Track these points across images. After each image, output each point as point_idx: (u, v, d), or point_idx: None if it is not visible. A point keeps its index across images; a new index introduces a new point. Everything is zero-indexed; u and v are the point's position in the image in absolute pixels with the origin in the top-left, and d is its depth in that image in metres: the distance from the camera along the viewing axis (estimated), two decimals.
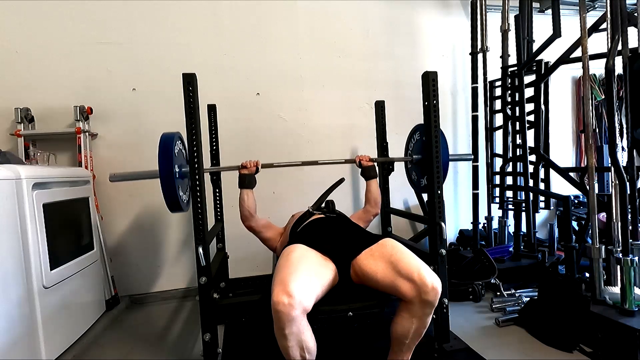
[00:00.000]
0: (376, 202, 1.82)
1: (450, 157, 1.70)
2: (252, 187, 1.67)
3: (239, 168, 1.67)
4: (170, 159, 1.35)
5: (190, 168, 1.33)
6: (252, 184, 1.67)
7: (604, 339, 1.45)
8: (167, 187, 1.35)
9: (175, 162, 1.38)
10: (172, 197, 1.37)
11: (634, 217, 1.63)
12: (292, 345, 1.08)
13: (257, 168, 1.67)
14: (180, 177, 1.44)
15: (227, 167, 1.72)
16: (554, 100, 2.61)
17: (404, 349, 1.25)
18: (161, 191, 1.41)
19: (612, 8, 1.67)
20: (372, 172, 1.83)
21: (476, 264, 2.18)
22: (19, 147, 2.08)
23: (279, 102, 2.55)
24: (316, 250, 1.31)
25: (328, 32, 2.63)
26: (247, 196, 1.65)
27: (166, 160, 1.34)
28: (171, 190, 1.36)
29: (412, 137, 1.88)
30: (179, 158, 1.44)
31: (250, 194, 1.66)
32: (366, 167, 1.81)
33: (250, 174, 1.66)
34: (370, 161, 1.82)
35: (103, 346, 1.78)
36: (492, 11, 2.73)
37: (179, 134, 1.52)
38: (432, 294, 1.12)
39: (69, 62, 2.25)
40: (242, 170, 1.66)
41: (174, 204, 1.39)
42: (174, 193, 1.36)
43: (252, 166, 1.66)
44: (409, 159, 1.83)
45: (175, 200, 1.38)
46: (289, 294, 1.04)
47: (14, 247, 1.40)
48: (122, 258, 2.34)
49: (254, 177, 1.67)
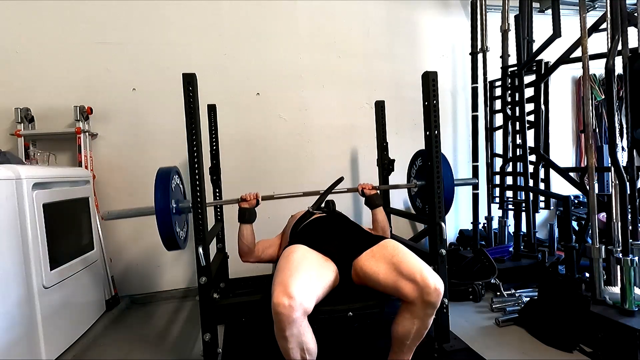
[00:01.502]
0: (384, 231, 1.69)
1: (455, 182, 1.66)
2: (252, 221, 1.58)
3: (238, 201, 1.58)
4: (167, 195, 1.30)
5: (190, 168, 1.33)
6: (252, 219, 1.57)
7: (604, 339, 1.45)
8: (163, 224, 1.29)
9: (172, 197, 1.33)
10: (168, 234, 1.30)
11: (634, 217, 1.63)
12: (292, 347, 1.08)
13: (258, 201, 1.58)
14: (178, 213, 1.38)
15: (227, 200, 1.65)
16: (554, 100, 2.61)
17: (405, 349, 1.25)
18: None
19: (612, 8, 1.67)
20: (376, 201, 1.68)
21: (476, 264, 2.18)
22: (19, 147, 2.08)
23: (279, 102, 2.55)
24: (317, 251, 1.31)
25: (328, 32, 2.63)
26: (247, 231, 1.57)
27: (163, 196, 1.29)
28: (167, 228, 1.29)
29: (414, 163, 1.84)
30: (176, 193, 1.39)
31: (250, 229, 1.58)
32: (369, 196, 1.68)
33: (251, 208, 1.57)
34: (373, 189, 1.70)
35: (103, 346, 1.78)
36: (492, 11, 2.73)
37: (176, 168, 1.48)
38: (435, 295, 1.12)
39: (69, 62, 2.25)
40: (242, 203, 1.57)
41: (171, 242, 1.34)
42: (171, 230, 1.30)
43: (252, 199, 1.57)
44: (413, 185, 1.77)
45: (172, 238, 1.32)
46: (289, 295, 1.04)
47: (14, 247, 1.40)
48: (122, 258, 2.34)
49: (254, 211, 1.58)
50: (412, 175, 1.86)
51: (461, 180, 1.80)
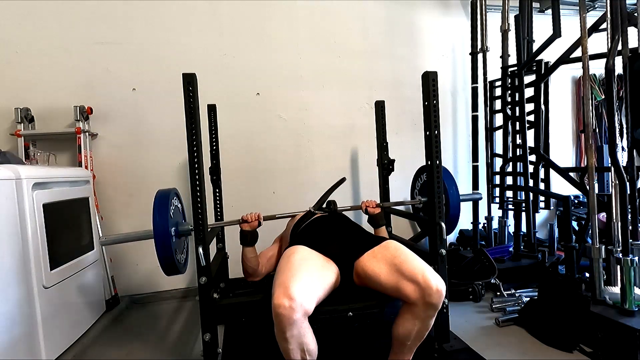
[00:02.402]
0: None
1: (461, 198, 1.65)
2: (255, 243, 1.54)
3: (239, 222, 1.52)
4: (166, 219, 1.28)
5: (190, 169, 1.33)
6: (254, 241, 1.54)
7: (604, 339, 1.45)
8: (162, 248, 1.27)
9: (172, 222, 1.32)
10: (167, 260, 1.29)
11: (634, 217, 1.63)
12: (293, 348, 1.08)
13: (260, 222, 1.53)
14: (177, 236, 1.36)
15: (228, 222, 1.60)
16: (554, 100, 2.61)
17: (405, 350, 1.25)
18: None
19: (612, 8, 1.67)
20: (380, 221, 1.65)
21: (476, 264, 2.18)
22: (19, 147, 2.08)
23: (279, 102, 2.55)
24: (318, 252, 1.31)
25: (328, 32, 2.63)
26: (251, 254, 1.53)
27: (162, 220, 1.27)
28: (167, 252, 1.28)
29: (419, 177, 1.82)
30: (175, 217, 1.37)
31: (254, 252, 1.54)
32: (373, 215, 1.64)
33: (253, 230, 1.52)
34: (377, 207, 1.65)
35: (103, 346, 1.78)
36: (492, 11, 2.73)
37: (175, 190, 1.46)
38: (437, 296, 1.12)
39: (69, 62, 2.25)
40: (244, 225, 1.51)
41: (170, 267, 1.32)
42: (170, 254, 1.28)
43: (253, 220, 1.51)
44: (417, 201, 1.75)
45: (172, 263, 1.31)
46: (290, 297, 1.04)
47: (14, 247, 1.40)
48: (122, 258, 2.34)
49: (256, 233, 1.54)
50: (417, 188, 1.86)
51: (466, 196, 1.78)
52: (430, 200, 1.50)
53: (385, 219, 1.72)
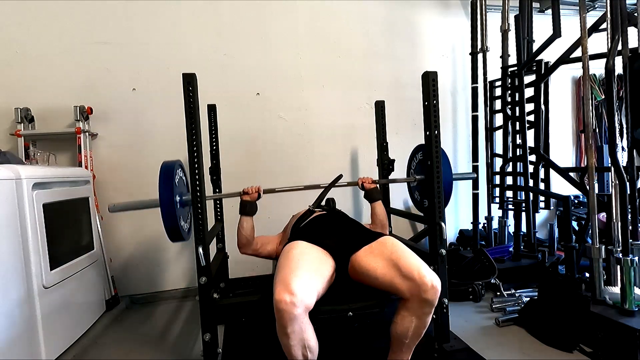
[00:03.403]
0: (383, 225, 1.72)
1: (454, 177, 1.66)
2: (253, 214, 1.61)
3: (240, 194, 1.61)
4: (171, 188, 1.32)
5: (190, 167, 1.33)
6: (253, 211, 1.60)
7: (604, 339, 1.45)
8: (167, 216, 1.32)
9: (176, 191, 1.36)
10: (173, 227, 1.34)
11: (634, 217, 1.63)
12: (294, 344, 1.08)
13: (259, 194, 1.62)
14: (182, 205, 1.41)
15: (229, 193, 1.69)
16: (554, 100, 2.61)
17: (404, 348, 1.25)
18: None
19: (612, 8, 1.67)
20: (376, 195, 1.72)
21: (476, 264, 2.18)
22: (19, 147, 2.08)
23: (279, 102, 2.55)
24: (316, 245, 1.32)
25: (328, 32, 2.63)
26: (247, 223, 1.60)
27: (167, 189, 1.32)
28: (172, 221, 1.33)
29: (414, 157, 1.84)
30: (179, 186, 1.42)
31: (250, 221, 1.61)
32: (369, 190, 1.72)
33: (252, 201, 1.60)
34: (373, 183, 1.73)
35: (103, 346, 1.78)
36: (492, 11, 2.73)
37: (180, 162, 1.49)
38: (432, 292, 1.13)
39: (69, 62, 2.25)
40: (244, 196, 1.60)
41: (175, 234, 1.36)
42: (175, 223, 1.33)
43: (253, 192, 1.60)
44: (412, 179, 1.78)
45: (177, 230, 1.35)
46: (291, 292, 1.05)
47: (14, 247, 1.40)
48: (122, 258, 2.34)
49: (255, 204, 1.61)
50: (412, 168, 1.87)
51: (460, 175, 1.80)
52: (430, 200, 1.50)
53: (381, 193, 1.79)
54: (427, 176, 1.53)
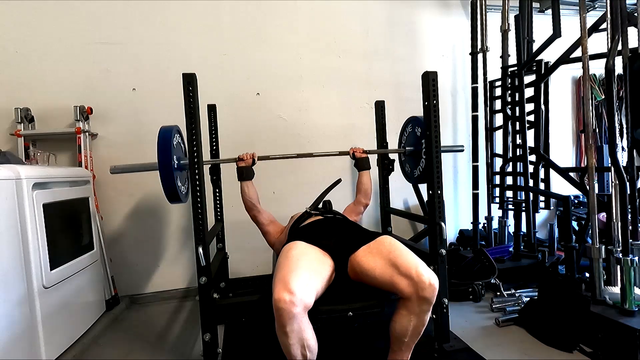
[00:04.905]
0: (366, 193, 1.86)
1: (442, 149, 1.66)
2: (251, 178, 1.72)
3: (236, 160, 1.71)
4: (169, 151, 1.39)
5: (190, 167, 1.33)
6: (250, 176, 1.71)
7: (604, 339, 1.45)
8: (165, 178, 1.39)
9: (174, 153, 1.42)
10: (170, 187, 1.41)
11: (634, 217, 1.63)
12: (293, 343, 1.09)
13: (254, 160, 1.72)
14: (179, 168, 1.48)
15: (225, 159, 1.77)
16: (554, 100, 2.61)
17: (404, 347, 1.25)
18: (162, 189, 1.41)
19: (612, 8, 1.67)
20: (365, 164, 1.85)
21: (476, 264, 2.18)
22: (19, 147, 2.08)
23: (279, 102, 2.55)
24: (315, 246, 1.32)
25: (328, 32, 2.63)
26: (247, 187, 1.70)
27: (165, 152, 1.38)
28: (170, 181, 1.40)
29: (405, 129, 1.90)
30: (177, 150, 1.48)
31: (250, 185, 1.71)
32: (360, 159, 1.84)
33: (247, 166, 1.70)
34: (364, 153, 1.84)
35: (103, 346, 1.78)
36: (492, 11, 2.73)
37: (177, 127, 1.56)
38: (429, 290, 1.13)
39: (69, 62, 2.25)
40: (239, 162, 1.71)
41: (173, 195, 1.44)
42: (173, 184, 1.41)
43: (248, 158, 1.71)
44: (402, 150, 1.87)
45: (174, 191, 1.42)
46: (290, 291, 1.05)
47: (14, 247, 1.40)
48: (122, 258, 2.34)
49: (251, 169, 1.72)
50: (403, 141, 1.91)
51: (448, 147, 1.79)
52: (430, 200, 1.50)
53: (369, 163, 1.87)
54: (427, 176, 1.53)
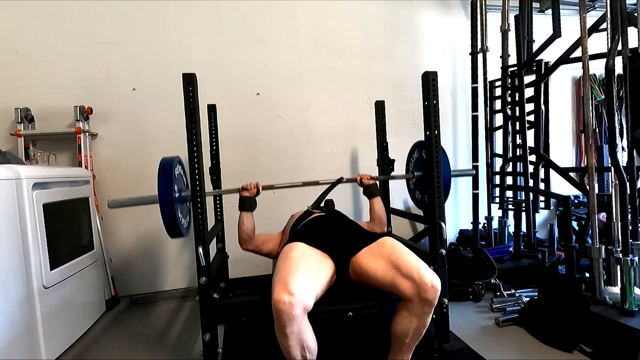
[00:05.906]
0: (381, 221, 1.75)
1: (453, 173, 1.67)
2: (253, 210, 1.62)
3: (239, 190, 1.63)
4: (170, 183, 1.32)
5: (190, 169, 1.33)
6: (252, 207, 1.61)
7: (604, 339, 1.45)
8: (166, 211, 1.31)
9: (175, 186, 1.36)
10: (171, 222, 1.33)
11: (634, 217, 1.63)
12: (293, 345, 1.08)
13: (258, 190, 1.63)
14: (180, 201, 1.41)
15: (227, 190, 1.70)
16: (554, 100, 2.61)
17: (404, 348, 1.25)
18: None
19: (612, 8, 1.67)
20: (374, 191, 1.75)
21: (476, 264, 2.18)
22: (19, 147, 2.08)
23: (279, 102, 2.55)
24: (315, 248, 1.32)
25: (328, 32, 2.63)
26: (247, 219, 1.60)
27: (166, 184, 1.31)
28: (171, 215, 1.32)
29: (412, 154, 1.85)
30: (178, 182, 1.41)
31: (250, 217, 1.61)
32: (368, 185, 1.75)
33: (251, 197, 1.61)
34: (372, 179, 1.76)
35: (103, 346, 1.78)
36: (492, 11, 2.73)
37: (179, 158, 1.49)
38: (432, 292, 1.13)
39: (69, 62, 2.25)
40: (243, 192, 1.61)
41: (174, 229, 1.36)
42: (174, 217, 1.33)
43: (252, 188, 1.62)
44: (411, 176, 1.80)
45: (175, 225, 1.35)
46: (289, 292, 1.05)
47: (14, 247, 1.40)
48: (122, 258, 2.34)
49: (254, 200, 1.62)
50: (411, 167, 1.87)
51: (459, 172, 1.79)
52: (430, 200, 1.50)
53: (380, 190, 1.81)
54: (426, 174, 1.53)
